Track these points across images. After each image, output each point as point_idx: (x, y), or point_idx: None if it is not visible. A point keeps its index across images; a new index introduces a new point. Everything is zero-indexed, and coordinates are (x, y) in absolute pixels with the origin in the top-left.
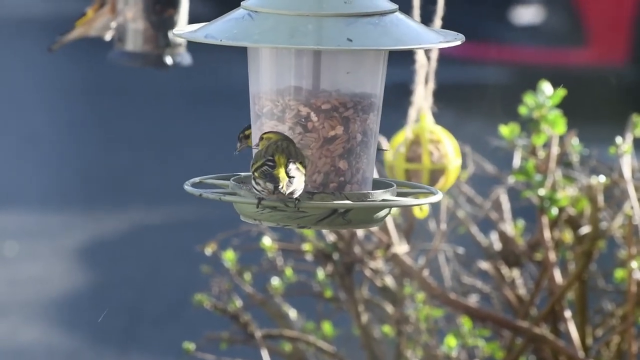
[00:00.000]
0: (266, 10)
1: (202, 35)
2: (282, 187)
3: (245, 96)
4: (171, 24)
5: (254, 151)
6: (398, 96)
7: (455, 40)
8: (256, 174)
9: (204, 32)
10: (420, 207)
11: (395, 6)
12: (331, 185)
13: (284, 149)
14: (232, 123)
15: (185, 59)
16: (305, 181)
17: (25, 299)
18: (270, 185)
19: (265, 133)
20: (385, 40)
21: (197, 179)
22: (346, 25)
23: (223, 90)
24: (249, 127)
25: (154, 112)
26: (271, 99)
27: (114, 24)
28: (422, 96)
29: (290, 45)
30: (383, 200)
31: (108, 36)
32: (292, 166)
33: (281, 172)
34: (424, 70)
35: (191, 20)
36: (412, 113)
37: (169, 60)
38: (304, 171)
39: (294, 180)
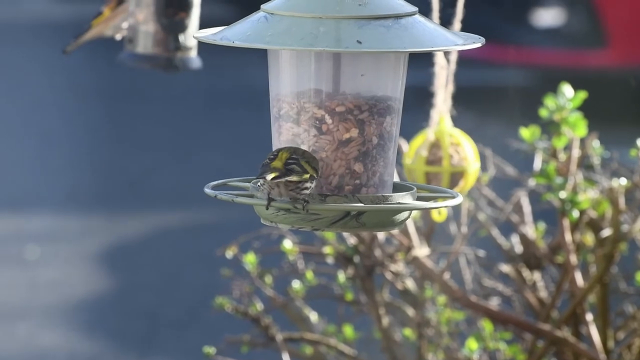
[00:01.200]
0: (282, 12)
1: (219, 38)
2: (266, 174)
3: (264, 99)
4: (182, 27)
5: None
6: (416, 99)
7: (473, 42)
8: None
9: (221, 35)
10: (439, 210)
11: (414, 9)
12: (346, 188)
13: (289, 148)
14: (251, 126)
15: (195, 62)
16: (317, 183)
17: (45, 303)
18: (262, 174)
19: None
20: (398, 42)
21: (221, 181)
22: (358, 28)
23: (242, 93)
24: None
25: (173, 115)
26: (288, 102)
27: (125, 25)
28: (442, 99)
29: (300, 47)
30: (397, 203)
31: (119, 36)
32: (292, 160)
33: (277, 164)
34: (445, 72)
35: (209, 23)
36: (434, 116)
37: (178, 63)
38: (310, 171)
39: (292, 173)
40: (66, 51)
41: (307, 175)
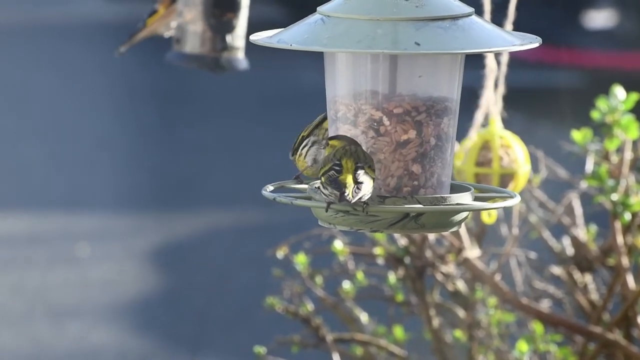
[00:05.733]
0: (339, 15)
1: (276, 41)
2: (348, 194)
3: (315, 100)
4: (230, 27)
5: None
6: (470, 100)
7: (530, 43)
8: (323, 178)
9: (278, 38)
10: (489, 212)
11: (470, 9)
12: (405, 189)
13: (352, 153)
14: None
15: (242, 63)
16: (375, 185)
17: (97, 301)
18: (336, 192)
19: (330, 139)
20: (456, 43)
21: (277, 183)
22: (416, 30)
23: (293, 95)
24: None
25: (223, 116)
26: (345, 104)
27: (174, 24)
28: (492, 100)
29: (358, 49)
30: (456, 204)
31: (167, 34)
32: (360, 171)
33: (348, 178)
34: (494, 74)
35: (263, 25)
36: (478, 117)
37: (225, 63)
38: (373, 175)
39: (363, 185)
40: (120, 51)
41: (372, 182)
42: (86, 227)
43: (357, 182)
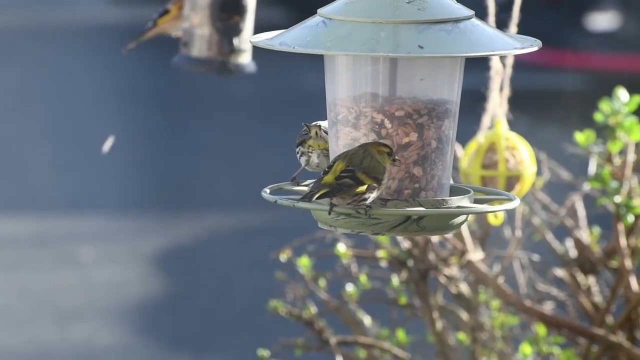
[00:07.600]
0: (340, 17)
1: (277, 43)
2: (313, 194)
3: (318, 103)
4: (237, 30)
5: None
6: (474, 102)
7: (531, 46)
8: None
9: (279, 40)
10: (495, 214)
11: (471, 12)
12: (406, 192)
13: (349, 156)
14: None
15: (249, 66)
16: (379, 190)
17: (101, 304)
18: (310, 192)
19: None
20: (458, 46)
21: (275, 185)
22: (418, 32)
23: (296, 97)
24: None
25: (227, 119)
26: (346, 106)
27: (182, 26)
28: (497, 103)
29: (361, 52)
30: (458, 207)
31: (175, 34)
32: (346, 174)
33: (329, 178)
34: (499, 77)
35: (263, 27)
36: (485, 120)
37: (232, 67)
38: (368, 181)
39: (341, 189)
40: (128, 48)
41: (363, 188)
42: (91, 230)
43: (336, 183)
